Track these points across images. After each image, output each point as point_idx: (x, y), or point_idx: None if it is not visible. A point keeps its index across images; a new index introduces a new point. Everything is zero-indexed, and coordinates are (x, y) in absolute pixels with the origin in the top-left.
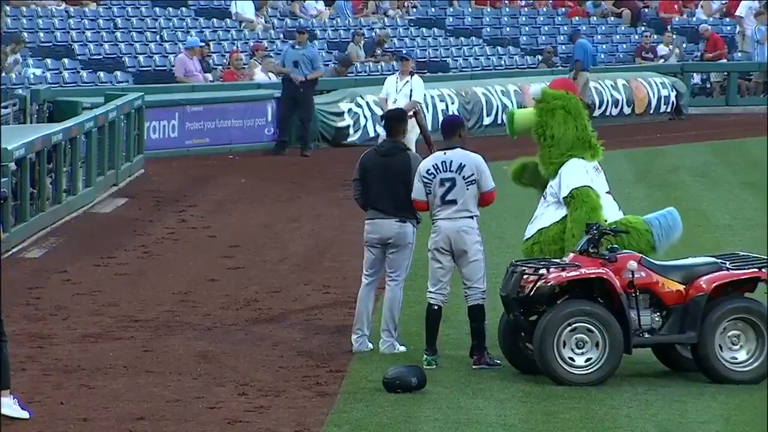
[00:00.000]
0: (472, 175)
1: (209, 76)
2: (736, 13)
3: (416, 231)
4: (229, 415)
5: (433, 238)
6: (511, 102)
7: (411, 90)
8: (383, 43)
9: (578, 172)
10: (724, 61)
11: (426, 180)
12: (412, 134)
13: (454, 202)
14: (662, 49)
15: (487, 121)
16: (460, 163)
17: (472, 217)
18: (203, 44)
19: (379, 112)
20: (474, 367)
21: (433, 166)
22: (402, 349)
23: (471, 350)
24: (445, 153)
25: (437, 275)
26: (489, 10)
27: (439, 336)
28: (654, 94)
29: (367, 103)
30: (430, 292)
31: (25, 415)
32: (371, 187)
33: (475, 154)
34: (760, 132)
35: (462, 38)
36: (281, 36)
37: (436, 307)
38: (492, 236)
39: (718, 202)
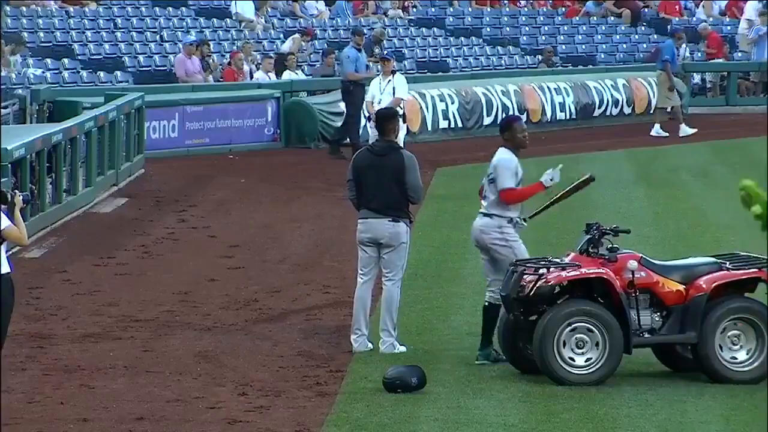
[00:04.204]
0: (491, 174)
1: (210, 77)
2: (744, 13)
3: (410, 230)
4: (229, 415)
5: None
6: (512, 102)
7: (394, 88)
8: (380, 41)
9: None
10: (722, 60)
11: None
12: (400, 133)
13: (485, 198)
14: None
15: (487, 121)
16: (491, 162)
17: (491, 216)
18: (196, 42)
19: (367, 115)
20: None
21: None
22: (402, 349)
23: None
24: None
25: (484, 273)
26: (489, 10)
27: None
28: (654, 94)
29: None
30: (487, 287)
31: None
32: (364, 186)
33: (503, 153)
34: (760, 132)
35: (462, 38)
36: (281, 36)
37: (486, 304)
38: None
39: (718, 202)
